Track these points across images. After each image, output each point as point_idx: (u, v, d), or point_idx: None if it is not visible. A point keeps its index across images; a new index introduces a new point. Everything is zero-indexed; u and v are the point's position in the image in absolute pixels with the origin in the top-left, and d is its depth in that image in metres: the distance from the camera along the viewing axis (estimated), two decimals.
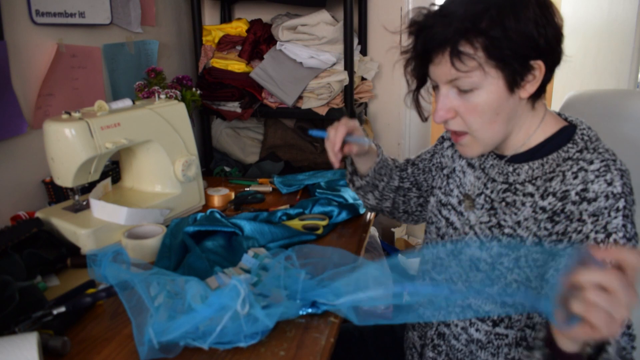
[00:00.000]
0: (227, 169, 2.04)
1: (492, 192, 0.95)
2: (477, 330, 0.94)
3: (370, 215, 1.40)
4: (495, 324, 0.92)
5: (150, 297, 0.85)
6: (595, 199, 0.80)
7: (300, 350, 0.83)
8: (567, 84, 3.51)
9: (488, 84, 0.82)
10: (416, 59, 0.88)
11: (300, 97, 1.88)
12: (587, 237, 0.79)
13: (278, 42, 1.90)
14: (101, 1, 1.54)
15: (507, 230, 0.90)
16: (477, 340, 0.95)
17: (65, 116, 1.14)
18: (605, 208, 0.79)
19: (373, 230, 2.10)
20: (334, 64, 1.87)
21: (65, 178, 1.16)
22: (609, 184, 0.80)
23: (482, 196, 0.96)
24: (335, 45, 1.86)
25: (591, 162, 0.83)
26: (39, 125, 1.33)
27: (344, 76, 1.84)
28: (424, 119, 0.99)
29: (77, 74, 1.48)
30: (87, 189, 1.24)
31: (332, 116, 1.87)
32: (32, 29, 1.33)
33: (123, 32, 1.69)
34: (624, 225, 0.78)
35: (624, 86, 2.69)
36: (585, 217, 0.80)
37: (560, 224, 0.83)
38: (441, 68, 0.83)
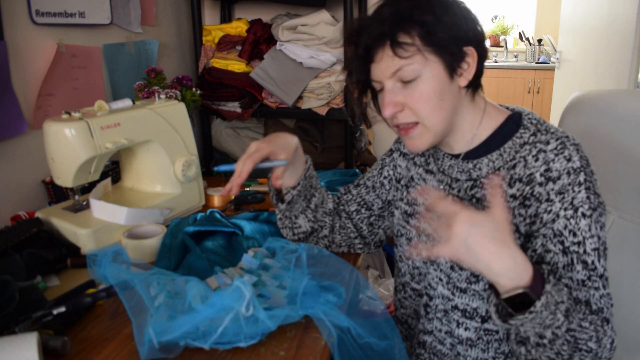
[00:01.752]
0: None
1: (459, 191, 0.95)
2: (466, 329, 0.94)
3: None
4: (484, 319, 0.93)
5: (150, 297, 0.85)
6: (559, 177, 0.84)
7: (300, 350, 0.83)
8: (567, 84, 3.51)
9: (429, 70, 0.85)
10: (358, 63, 0.90)
11: (300, 97, 1.88)
12: (558, 215, 0.83)
13: (278, 42, 1.90)
14: (101, 1, 1.54)
15: None
16: (466, 339, 0.95)
17: (65, 116, 1.14)
18: (569, 184, 0.83)
19: None
20: (334, 64, 1.87)
21: (65, 178, 1.16)
22: (568, 160, 0.84)
23: (450, 197, 0.94)
24: (335, 45, 1.86)
25: (547, 143, 0.86)
26: (39, 125, 1.33)
27: (344, 76, 1.84)
28: (369, 125, 1.02)
29: (77, 74, 1.48)
30: (87, 189, 1.24)
31: (332, 116, 1.87)
32: (32, 29, 1.33)
33: (123, 32, 1.69)
34: (587, 197, 0.82)
35: (623, 86, 2.69)
36: (552, 196, 0.84)
37: (532, 207, 0.86)
38: (383, 63, 0.87)
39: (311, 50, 1.85)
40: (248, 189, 1.60)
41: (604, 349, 0.78)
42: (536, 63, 4.90)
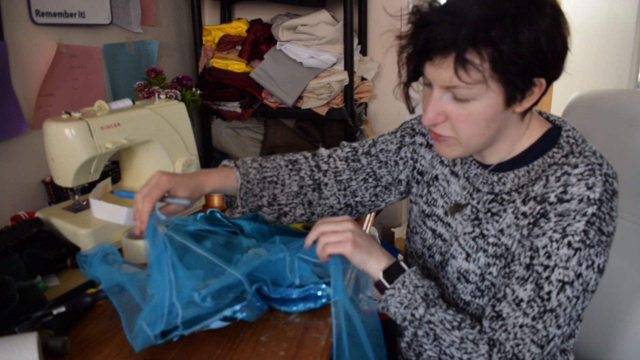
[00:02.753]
0: None
1: (478, 202, 0.91)
2: None
3: (370, 215, 1.40)
4: None
5: (140, 295, 0.85)
6: (569, 200, 0.78)
7: (300, 350, 0.83)
8: (567, 84, 3.50)
9: (487, 98, 0.77)
10: (413, 52, 0.80)
11: (300, 97, 1.88)
12: (544, 233, 0.78)
13: (278, 42, 1.90)
14: (101, 1, 1.54)
15: (491, 240, 0.87)
16: None
17: (65, 116, 1.14)
18: (574, 211, 0.77)
19: (373, 230, 2.10)
20: (334, 64, 1.87)
21: (65, 178, 1.16)
22: (589, 188, 0.77)
23: (469, 207, 0.93)
24: (335, 45, 1.86)
25: (576, 166, 0.80)
26: (39, 125, 1.33)
27: (344, 76, 1.84)
28: (412, 110, 0.92)
29: (77, 74, 1.48)
30: (87, 189, 1.24)
31: (332, 116, 1.87)
32: (32, 29, 1.33)
33: (123, 32, 1.69)
34: (584, 231, 0.76)
35: (623, 86, 2.69)
36: (551, 215, 0.78)
37: (536, 224, 0.81)
38: (441, 72, 0.76)
39: (311, 50, 1.85)
40: None
41: None
42: None
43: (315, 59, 1.85)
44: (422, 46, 0.77)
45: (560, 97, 3.57)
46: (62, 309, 0.86)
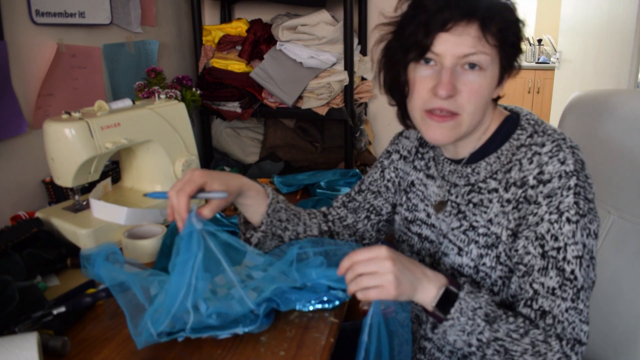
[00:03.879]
0: (227, 169, 2.04)
1: (456, 197, 0.94)
2: None
3: None
4: None
5: (144, 295, 0.85)
6: (550, 180, 0.82)
7: (300, 350, 0.83)
8: (567, 84, 3.51)
9: (492, 70, 0.84)
10: (421, 26, 0.82)
11: (300, 97, 1.88)
12: (542, 218, 0.82)
13: (278, 42, 1.90)
14: (101, 1, 1.54)
15: (481, 230, 0.89)
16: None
17: (65, 116, 1.14)
18: (559, 188, 0.81)
19: None
20: (334, 64, 1.87)
21: (65, 178, 1.16)
22: (562, 163, 0.82)
23: (449, 203, 0.95)
24: (335, 45, 1.86)
25: (543, 145, 0.85)
26: (39, 125, 1.33)
27: (344, 76, 1.84)
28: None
29: (77, 74, 1.48)
30: (87, 189, 1.24)
31: (332, 116, 1.87)
32: (32, 29, 1.33)
33: (123, 32, 1.69)
34: (575, 203, 0.80)
35: (623, 86, 2.69)
36: (540, 199, 0.82)
37: (522, 210, 0.85)
38: (462, 39, 0.80)
39: (311, 50, 1.85)
40: None
41: None
42: (536, 63, 4.90)
43: (315, 59, 1.85)
44: (435, 16, 0.80)
45: (560, 97, 3.57)
46: (62, 309, 0.86)
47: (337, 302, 0.93)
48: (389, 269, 0.76)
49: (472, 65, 0.82)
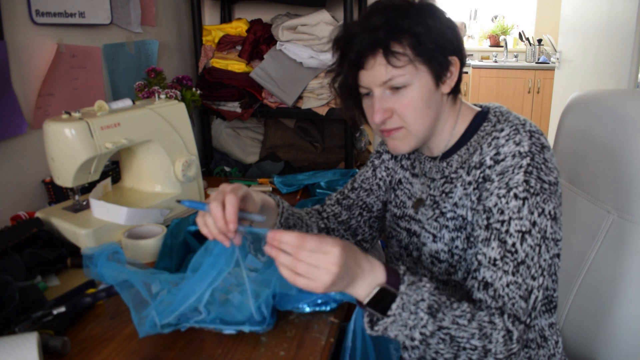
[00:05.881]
0: (227, 169, 2.04)
1: (434, 190, 0.99)
2: None
3: None
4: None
5: (147, 291, 0.85)
6: (504, 159, 0.86)
7: (300, 350, 0.83)
8: (567, 84, 3.51)
9: (419, 79, 0.88)
10: (349, 68, 0.91)
11: (300, 97, 1.88)
12: (492, 193, 0.86)
13: (278, 42, 1.90)
14: (101, 1, 1.54)
15: (449, 215, 0.94)
16: None
17: (65, 116, 1.14)
18: (511, 166, 0.85)
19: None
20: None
21: (65, 178, 1.16)
22: (517, 144, 0.86)
23: (428, 197, 1.00)
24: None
25: (502, 130, 0.89)
26: (39, 125, 1.33)
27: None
28: (357, 129, 1.01)
29: (77, 74, 1.48)
30: (87, 189, 1.24)
31: (332, 116, 1.87)
32: (32, 29, 1.33)
33: (123, 32, 1.69)
34: (525, 181, 0.83)
35: (623, 86, 2.69)
36: (494, 176, 0.87)
37: (481, 189, 0.89)
38: (375, 71, 0.88)
39: (311, 50, 1.85)
40: None
41: (495, 344, 0.76)
42: (536, 63, 4.90)
43: (315, 59, 1.85)
44: (354, 58, 0.89)
45: (560, 97, 3.57)
46: (62, 309, 0.86)
47: (334, 305, 0.93)
48: (331, 272, 0.71)
49: (396, 87, 0.88)
